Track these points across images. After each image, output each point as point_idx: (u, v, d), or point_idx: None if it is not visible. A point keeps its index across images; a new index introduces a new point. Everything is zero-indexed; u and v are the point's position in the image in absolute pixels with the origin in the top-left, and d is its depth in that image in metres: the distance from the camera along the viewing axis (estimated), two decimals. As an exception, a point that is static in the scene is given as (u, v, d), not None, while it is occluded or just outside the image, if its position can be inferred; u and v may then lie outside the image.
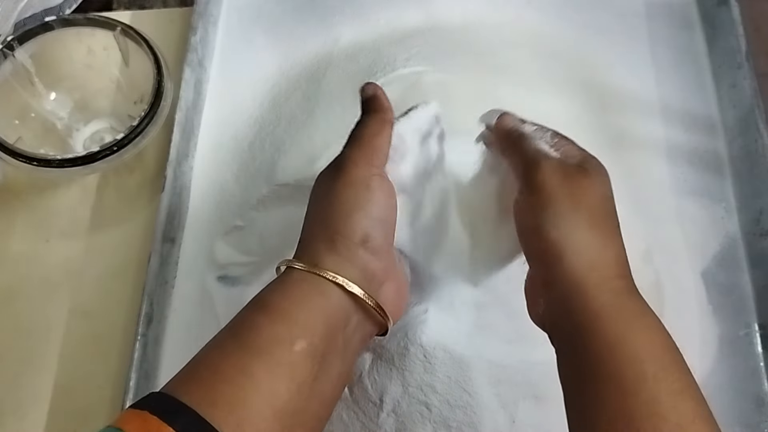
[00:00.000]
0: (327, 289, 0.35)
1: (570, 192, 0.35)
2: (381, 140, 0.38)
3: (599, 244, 0.35)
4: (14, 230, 0.60)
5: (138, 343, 0.50)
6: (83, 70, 0.61)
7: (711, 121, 0.61)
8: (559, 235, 0.34)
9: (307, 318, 0.33)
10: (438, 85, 0.56)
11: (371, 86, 0.40)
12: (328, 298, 0.34)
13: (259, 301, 0.35)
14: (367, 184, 0.36)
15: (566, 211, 0.35)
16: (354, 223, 0.36)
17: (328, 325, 0.34)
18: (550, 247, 0.34)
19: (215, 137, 0.62)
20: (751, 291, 0.55)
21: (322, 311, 0.34)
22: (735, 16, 0.61)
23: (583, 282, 0.33)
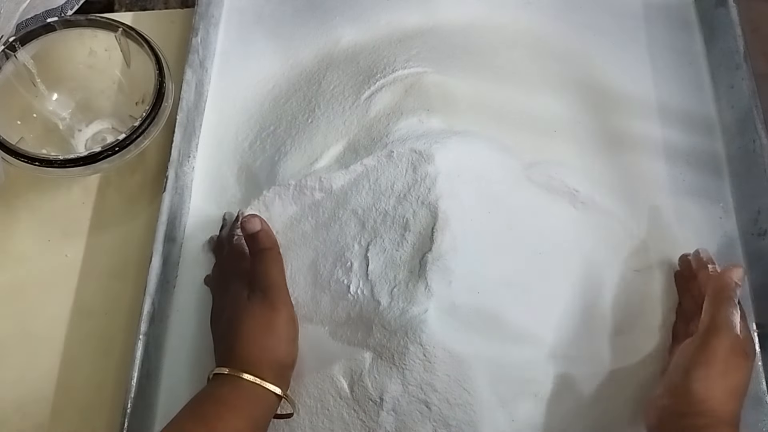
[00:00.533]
0: (264, 396, 0.44)
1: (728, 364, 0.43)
2: (284, 276, 0.49)
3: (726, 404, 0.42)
4: (16, 230, 0.60)
5: (139, 342, 0.50)
6: (85, 71, 0.61)
7: (709, 122, 0.61)
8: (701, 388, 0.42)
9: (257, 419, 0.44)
10: (438, 86, 0.57)
11: (254, 220, 0.50)
12: (267, 402, 0.45)
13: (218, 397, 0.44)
14: (293, 322, 0.48)
15: (717, 375, 0.43)
16: (289, 353, 0.47)
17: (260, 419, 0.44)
18: (691, 391, 0.42)
19: (216, 138, 0.62)
20: (748, 290, 0.55)
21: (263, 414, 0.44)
22: (733, 17, 0.61)
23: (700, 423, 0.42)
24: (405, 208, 0.49)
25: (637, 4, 0.67)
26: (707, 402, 0.42)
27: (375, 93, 0.57)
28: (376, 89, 0.57)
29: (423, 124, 0.54)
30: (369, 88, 0.58)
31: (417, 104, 0.55)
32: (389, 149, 0.51)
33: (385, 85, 0.57)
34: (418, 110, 0.55)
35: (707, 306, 0.46)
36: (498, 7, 0.66)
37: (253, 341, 0.46)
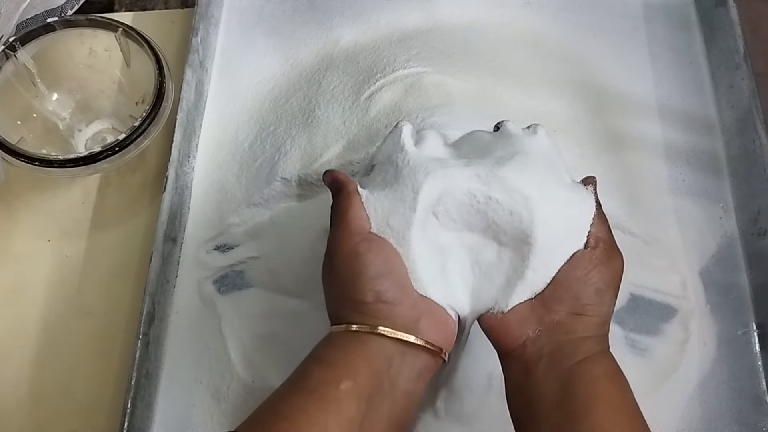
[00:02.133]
0: (364, 338, 0.39)
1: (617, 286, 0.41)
2: (353, 212, 0.42)
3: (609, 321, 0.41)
4: (16, 230, 0.60)
5: (139, 342, 0.50)
6: (85, 71, 0.61)
7: (709, 122, 0.61)
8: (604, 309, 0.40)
9: (350, 363, 0.38)
10: (438, 86, 0.57)
11: (327, 174, 0.45)
12: (366, 345, 0.38)
13: (310, 355, 0.40)
14: (355, 253, 0.40)
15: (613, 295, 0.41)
16: (362, 288, 0.39)
17: (371, 368, 0.38)
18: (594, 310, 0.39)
19: (216, 137, 0.62)
20: (748, 290, 0.55)
21: (363, 357, 0.38)
22: (733, 17, 0.61)
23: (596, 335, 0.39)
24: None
25: (637, 4, 0.67)
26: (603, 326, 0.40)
27: (375, 93, 0.57)
28: (376, 89, 0.57)
29: (424, 122, 0.54)
30: (369, 87, 0.58)
31: (417, 104, 0.55)
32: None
33: (385, 85, 0.57)
34: (418, 110, 0.55)
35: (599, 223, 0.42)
36: (498, 7, 0.66)
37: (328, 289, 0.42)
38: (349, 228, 0.41)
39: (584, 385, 0.37)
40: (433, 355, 0.39)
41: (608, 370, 0.39)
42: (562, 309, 0.40)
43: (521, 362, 0.39)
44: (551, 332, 0.39)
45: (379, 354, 0.38)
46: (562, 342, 0.39)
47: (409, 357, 0.39)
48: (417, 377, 0.39)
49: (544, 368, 0.38)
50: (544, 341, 0.39)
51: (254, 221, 0.57)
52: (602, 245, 0.41)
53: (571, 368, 0.38)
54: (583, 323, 0.39)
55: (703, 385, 0.52)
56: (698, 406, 0.51)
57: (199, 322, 0.54)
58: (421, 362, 0.39)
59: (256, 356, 0.52)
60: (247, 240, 0.56)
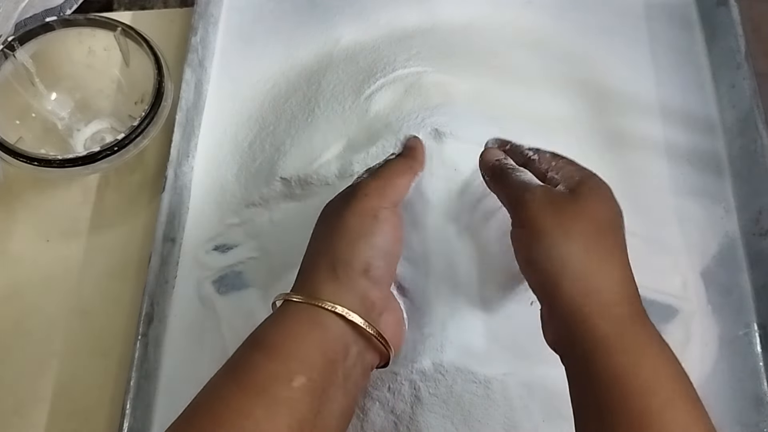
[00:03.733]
0: (326, 320, 0.34)
1: (559, 222, 0.34)
2: (401, 180, 0.38)
3: (596, 270, 0.33)
4: (15, 230, 0.60)
5: (138, 343, 0.50)
6: (84, 71, 0.61)
7: (710, 122, 0.61)
8: (553, 267, 0.33)
9: (306, 353, 0.33)
10: (438, 86, 0.56)
11: (414, 139, 0.41)
12: (326, 329, 0.34)
13: (255, 338, 0.34)
14: (375, 215, 0.36)
15: (557, 242, 0.33)
16: (358, 250, 0.35)
17: (327, 358, 0.33)
18: (546, 279, 0.33)
19: (216, 137, 0.62)
20: (750, 291, 0.55)
21: (320, 345, 0.33)
22: (734, 17, 0.61)
23: (581, 311, 0.32)
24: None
25: (638, 4, 0.67)
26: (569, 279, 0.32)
27: (375, 92, 0.57)
28: (376, 88, 0.57)
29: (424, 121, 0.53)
30: (369, 87, 0.57)
31: (417, 104, 0.55)
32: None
33: (385, 84, 0.57)
34: (418, 110, 0.54)
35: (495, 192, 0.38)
36: (499, 7, 0.65)
37: (316, 247, 0.37)
38: (387, 189, 0.38)
39: (598, 395, 0.31)
40: (382, 355, 0.37)
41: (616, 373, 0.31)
42: (538, 295, 0.35)
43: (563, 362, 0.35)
44: (555, 321, 0.34)
45: (337, 341, 0.34)
46: (564, 337, 0.33)
47: (363, 349, 0.35)
48: (364, 372, 0.36)
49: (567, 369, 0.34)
50: (554, 332, 0.35)
51: (254, 221, 0.56)
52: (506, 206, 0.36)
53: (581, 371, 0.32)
54: (560, 307, 0.33)
55: (704, 385, 0.51)
56: (699, 406, 0.51)
57: (199, 322, 0.54)
58: (371, 357, 0.36)
59: (255, 357, 0.52)
60: (247, 240, 0.56)
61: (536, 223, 0.34)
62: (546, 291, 0.34)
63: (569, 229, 0.33)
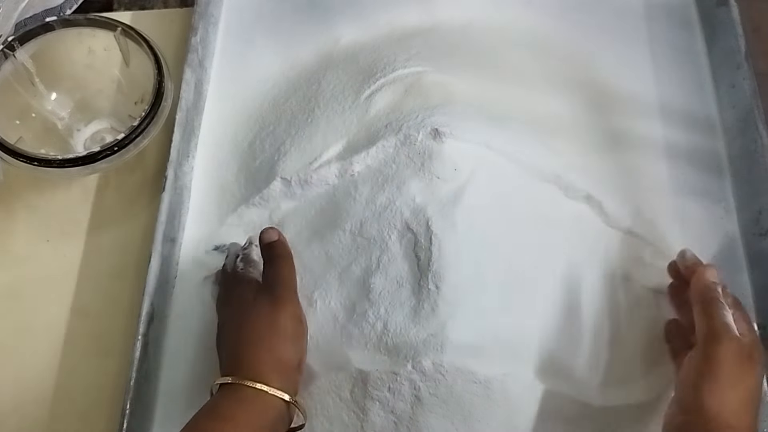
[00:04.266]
0: (275, 403, 0.42)
1: (735, 372, 0.42)
2: (296, 282, 0.48)
3: (740, 416, 0.41)
4: (15, 230, 0.60)
5: (138, 343, 0.50)
6: (84, 71, 0.61)
7: (710, 122, 0.61)
8: (713, 404, 0.40)
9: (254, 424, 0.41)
10: (438, 86, 0.56)
11: (272, 231, 0.50)
12: (271, 409, 0.42)
13: (218, 412, 0.42)
14: (299, 319, 0.46)
15: (727, 387, 0.41)
16: (294, 352, 0.45)
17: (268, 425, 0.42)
18: (703, 408, 0.40)
19: (216, 137, 0.62)
20: (750, 291, 0.55)
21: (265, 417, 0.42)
22: (734, 17, 0.61)
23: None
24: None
25: (638, 4, 0.67)
26: (720, 416, 0.40)
27: (375, 92, 0.57)
28: (376, 89, 0.57)
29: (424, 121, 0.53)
30: (369, 87, 0.57)
31: (417, 104, 0.55)
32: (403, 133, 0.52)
33: (385, 84, 0.57)
34: (417, 110, 0.54)
35: (697, 314, 0.44)
36: (499, 7, 0.65)
37: (255, 342, 0.44)
38: (296, 295, 0.47)
39: None
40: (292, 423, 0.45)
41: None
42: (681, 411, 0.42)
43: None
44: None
45: (276, 417, 0.42)
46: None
47: (286, 422, 0.44)
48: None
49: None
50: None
51: (253, 221, 0.56)
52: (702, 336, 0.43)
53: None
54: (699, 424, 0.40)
55: (704, 385, 0.51)
56: (699, 407, 0.51)
57: (199, 322, 0.54)
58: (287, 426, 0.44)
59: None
60: (247, 240, 0.56)
61: (721, 365, 0.41)
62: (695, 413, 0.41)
63: (740, 382, 0.42)
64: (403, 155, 0.52)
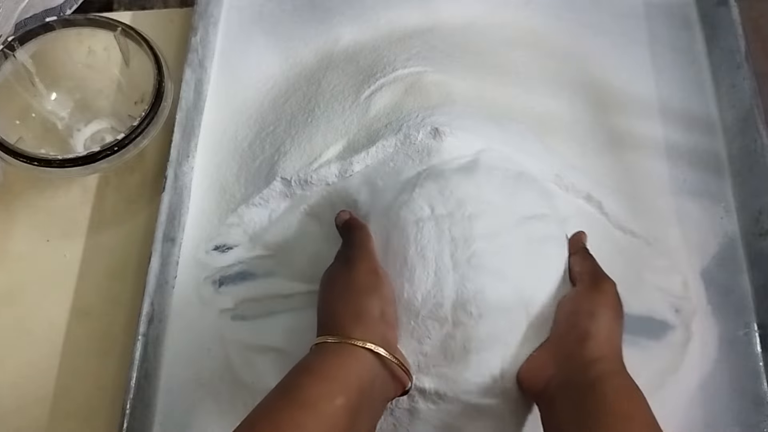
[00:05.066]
0: (358, 354, 0.41)
1: (618, 307, 0.46)
2: (371, 245, 0.47)
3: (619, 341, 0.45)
4: (15, 230, 0.60)
5: (138, 342, 0.50)
6: (84, 71, 0.61)
7: (710, 121, 0.61)
8: (603, 327, 0.44)
9: (345, 378, 0.40)
10: (438, 86, 0.56)
11: (344, 213, 0.50)
12: (359, 361, 0.41)
13: (302, 366, 0.41)
14: (376, 273, 0.45)
15: (612, 317, 0.45)
16: (373, 302, 0.43)
17: (360, 384, 0.40)
18: (595, 330, 0.43)
19: (216, 137, 0.62)
20: (750, 291, 0.55)
21: (355, 373, 0.40)
22: (734, 17, 0.61)
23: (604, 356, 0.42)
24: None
25: (638, 4, 0.67)
26: (609, 345, 0.43)
27: (375, 92, 0.57)
28: (376, 88, 0.57)
29: (424, 121, 0.53)
30: (369, 87, 0.57)
31: (417, 103, 0.55)
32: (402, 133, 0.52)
33: (385, 84, 0.57)
34: (418, 109, 0.54)
35: (578, 260, 0.48)
36: (498, 7, 0.65)
37: (335, 301, 0.45)
38: (371, 254, 0.46)
39: (599, 400, 0.39)
40: (403, 382, 0.43)
41: (619, 386, 0.40)
42: (568, 342, 0.44)
43: (546, 400, 0.43)
44: (565, 366, 0.43)
45: (369, 371, 0.41)
46: (575, 368, 0.42)
47: (388, 378, 0.42)
48: (386, 398, 0.43)
49: (563, 394, 0.41)
50: (560, 377, 0.42)
51: (253, 221, 0.56)
52: (585, 277, 0.47)
53: (586, 387, 0.40)
54: (588, 347, 0.42)
55: (704, 385, 0.51)
56: (699, 406, 0.51)
57: (199, 322, 0.54)
58: (393, 386, 0.43)
59: (255, 357, 0.52)
60: (247, 240, 0.56)
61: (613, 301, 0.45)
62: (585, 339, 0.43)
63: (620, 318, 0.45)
64: (403, 154, 0.52)
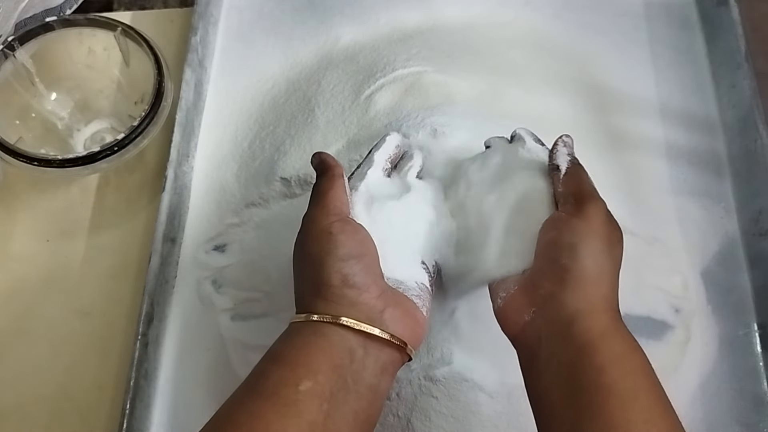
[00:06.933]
0: (325, 330, 0.37)
1: (609, 236, 0.38)
2: (333, 193, 0.40)
3: (613, 284, 0.38)
4: (15, 230, 0.60)
5: (138, 342, 0.50)
6: (84, 71, 0.61)
7: (710, 121, 0.61)
8: (588, 264, 0.37)
9: (311, 360, 0.36)
10: (438, 86, 0.56)
11: (316, 155, 0.43)
12: (327, 338, 0.36)
13: (267, 353, 0.38)
14: (328, 232, 0.39)
15: (601, 249, 0.37)
16: (328, 269, 0.38)
17: (332, 364, 0.36)
18: (577, 268, 0.37)
19: (215, 137, 0.62)
20: (750, 291, 0.55)
21: (324, 352, 0.36)
22: (734, 17, 0.61)
23: (591, 307, 0.36)
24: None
25: (638, 3, 0.67)
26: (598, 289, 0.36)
27: (375, 92, 0.57)
28: (376, 88, 0.57)
29: (423, 121, 0.53)
30: (369, 87, 0.57)
31: (417, 103, 0.55)
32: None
33: (385, 84, 0.57)
34: (417, 110, 0.54)
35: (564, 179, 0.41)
36: (498, 7, 0.65)
37: (296, 274, 0.40)
38: (327, 207, 0.40)
39: (591, 376, 0.34)
40: (399, 350, 0.38)
41: (617, 355, 0.35)
42: (545, 280, 0.38)
43: (525, 349, 0.38)
44: (544, 311, 0.37)
45: (340, 348, 0.36)
46: (556, 320, 0.36)
47: (372, 350, 0.37)
48: (381, 371, 0.37)
49: (546, 355, 0.36)
50: (539, 323, 0.37)
51: (253, 221, 0.56)
52: (572, 198, 0.39)
53: (573, 356, 0.35)
54: (569, 291, 0.36)
55: (704, 385, 0.51)
56: (699, 406, 0.51)
57: (198, 322, 0.54)
58: (384, 356, 0.37)
59: (255, 357, 0.51)
60: (247, 240, 0.56)
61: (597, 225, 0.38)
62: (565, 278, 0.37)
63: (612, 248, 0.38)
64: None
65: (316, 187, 0.41)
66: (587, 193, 0.40)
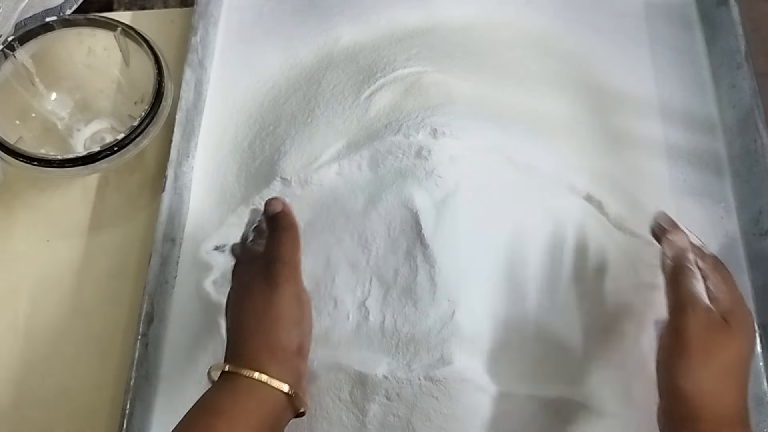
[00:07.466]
0: (267, 394, 0.40)
1: (705, 346, 0.38)
2: (298, 257, 0.44)
3: (720, 396, 0.38)
4: (15, 230, 0.60)
5: (138, 343, 0.50)
6: (84, 71, 0.61)
7: (710, 122, 0.61)
8: (686, 384, 0.37)
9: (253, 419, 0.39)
10: (438, 86, 0.56)
11: (276, 202, 0.46)
12: (266, 402, 0.40)
13: (211, 403, 0.40)
14: (299, 300, 0.43)
15: (698, 363, 0.37)
16: (293, 336, 0.42)
17: (266, 423, 0.39)
18: (676, 390, 0.38)
19: (216, 137, 0.62)
20: (750, 291, 0.54)
21: (266, 413, 0.40)
22: (734, 17, 0.61)
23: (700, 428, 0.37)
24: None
25: (638, 4, 0.67)
26: (697, 399, 0.36)
27: (375, 92, 0.57)
28: (376, 88, 0.57)
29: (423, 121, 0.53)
30: (369, 87, 0.57)
31: (417, 104, 0.55)
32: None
33: (385, 84, 0.57)
34: (417, 110, 0.54)
35: (666, 286, 0.41)
36: (498, 7, 0.65)
37: (252, 327, 0.41)
38: (295, 271, 0.43)
39: None
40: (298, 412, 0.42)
41: None
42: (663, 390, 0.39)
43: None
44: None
45: (275, 409, 0.40)
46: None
47: (288, 412, 0.41)
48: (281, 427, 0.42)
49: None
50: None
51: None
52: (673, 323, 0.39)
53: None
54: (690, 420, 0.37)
55: (704, 385, 0.51)
56: (699, 407, 0.51)
57: (199, 322, 0.54)
58: (290, 415, 0.42)
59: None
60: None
61: (687, 339, 0.38)
62: (672, 399, 0.38)
63: (712, 356, 0.38)
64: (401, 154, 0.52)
65: (280, 243, 0.44)
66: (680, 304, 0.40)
